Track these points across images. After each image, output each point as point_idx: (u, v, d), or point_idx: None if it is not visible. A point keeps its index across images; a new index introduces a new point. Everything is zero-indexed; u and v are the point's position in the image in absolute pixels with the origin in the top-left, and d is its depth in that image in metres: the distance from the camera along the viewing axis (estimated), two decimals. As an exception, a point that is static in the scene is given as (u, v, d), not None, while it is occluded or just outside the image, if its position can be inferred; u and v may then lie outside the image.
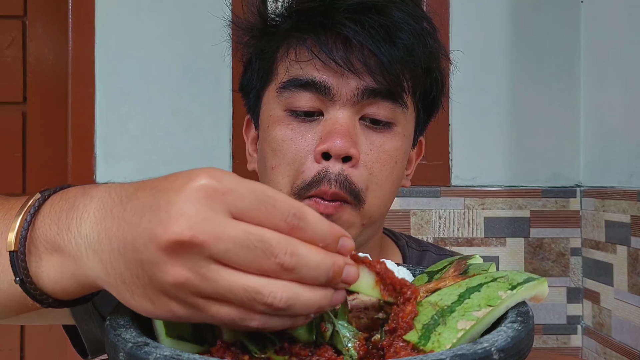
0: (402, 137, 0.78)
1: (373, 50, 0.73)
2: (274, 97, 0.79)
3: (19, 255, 0.46)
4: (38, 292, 0.47)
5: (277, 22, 0.81)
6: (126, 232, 0.40)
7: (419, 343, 0.43)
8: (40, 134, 1.95)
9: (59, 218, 0.46)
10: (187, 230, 0.37)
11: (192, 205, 0.38)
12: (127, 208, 0.41)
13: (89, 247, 0.43)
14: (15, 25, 1.94)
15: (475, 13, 1.86)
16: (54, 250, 0.46)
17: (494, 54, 1.86)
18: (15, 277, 0.46)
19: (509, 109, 1.87)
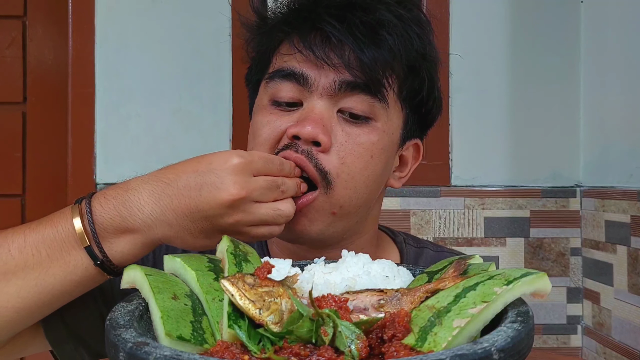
0: (380, 133, 0.79)
1: (351, 47, 0.74)
2: (263, 87, 0.82)
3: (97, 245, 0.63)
4: (114, 267, 0.64)
5: (274, 18, 0.83)
6: (189, 202, 0.63)
7: (416, 345, 0.43)
8: (40, 134, 1.95)
9: (118, 210, 0.63)
10: (239, 190, 0.63)
11: (236, 175, 0.64)
12: (179, 187, 0.63)
13: (157, 220, 0.63)
14: (15, 25, 1.94)
15: (475, 13, 1.86)
16: (124, 232, 0.64)
17: (494, 54, 1.86)
18: (96, 261, 0.63)
19: (509, 109, 1.87)
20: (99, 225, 0.63)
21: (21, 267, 0.63)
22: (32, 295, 0.63)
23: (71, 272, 0.64)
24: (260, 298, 0.48)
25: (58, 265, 0.63)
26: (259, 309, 0.47)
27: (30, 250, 0.64)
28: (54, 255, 0.63)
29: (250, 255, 0.60)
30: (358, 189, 0.78)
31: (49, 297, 0.64)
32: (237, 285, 0.48)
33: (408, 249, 0.94)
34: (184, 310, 0.49)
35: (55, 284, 0.63)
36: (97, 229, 0.63)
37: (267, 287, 0.49)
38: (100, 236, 0.63)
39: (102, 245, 0.63)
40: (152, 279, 0.51)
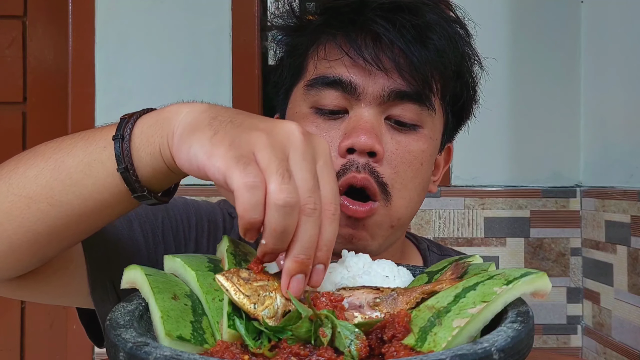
0: (428, 140, 0.78)
1: (403, 49, 0.72)
2: (301, 94, 0.78)
3: (132, 118, 0.55)
4: (129, 151, 0.54)
5: (309, 19, 0.81)
6: (251, 116, 0.51)
7: (416, 345, 0.43)
8: (40, 134, 1.95)
9: (183, 102, 0.54)
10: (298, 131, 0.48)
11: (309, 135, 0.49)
12: (250, 113, 0.52)
13: (206, 104, 0.53)
14: (15, 25, 1.94)
15: (475, 13, 1.86)
16: (160, 111, 0.55)
17: (494, 54, 1.85)
18: (116, 136, 0.54)
19: (509, 109, 1.87)
20: (150, 111, 0.57)
21: (53, 148, 0.58)
22: (46, 182, 0.56)
23: (90, 152, 0.55)
24: (255, 292, 0.48)
25: (83, 143, 0.57)
26: (253, 303, 0.47)
27: (76, 135, 0.59)
28: (88, 135, 0.57)
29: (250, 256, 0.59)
30: (412, 199, 0.77)
31: (60, 187, 0.56)
32: (232, 280, 0.48)
33: (431, 256, 0.93)
34: (184, 310, 0.49)
35: (71, 166, 0.56)
36: (150, 111, 0.57)
37: (262, 281, 0.49)
38: (144, 116, 0.56)
39: (136, 121, 0.55)
40: (152, 279, 0.51)
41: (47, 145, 0.59)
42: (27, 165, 0.58)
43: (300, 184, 0.45)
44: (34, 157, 0.59)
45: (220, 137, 0.47)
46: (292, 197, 0.44)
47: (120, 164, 0.54)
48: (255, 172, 0.44)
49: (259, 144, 0.46)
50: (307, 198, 0.45)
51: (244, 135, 0.47)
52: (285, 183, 0.44)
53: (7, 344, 1.93)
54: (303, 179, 0.46)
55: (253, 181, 0.44)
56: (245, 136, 0.47)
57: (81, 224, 0.59)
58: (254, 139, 0.46)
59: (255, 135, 0.47)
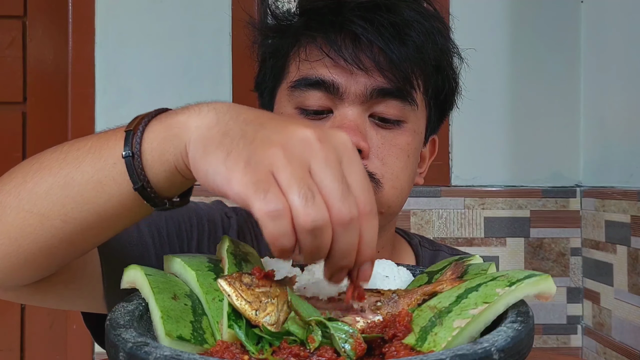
0: (412, 133, 0.79)
1: (382, 48, 0.73)
2: (285, 95, 0.80)
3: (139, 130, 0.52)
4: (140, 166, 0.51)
5: (290, 21, 0.81)
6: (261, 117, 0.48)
7: (416, 345, 0.43)
8: (40, 134, 1.95)
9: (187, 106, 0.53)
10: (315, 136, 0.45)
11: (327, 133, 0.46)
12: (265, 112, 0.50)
13: (213, 109, 0.50)
14: (15, 25, 1.94)
15: (475, 13, 1.86)
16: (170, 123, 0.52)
17: (494, 54, 1.86)
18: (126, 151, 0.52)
19: (509, 109, 1.87)
20: (160, 115, 0.54)
21: (59, 161, 0.56)
22: (57, 198, 0.55)
23: (100, 168, 0.54)
24: (257, 299, 0.48)
25: (91, 158, 0.54)
26: (255, 310, 0.47)
27: (79, 144, 0.57)
28: (94, 147, 0.55)
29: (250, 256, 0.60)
30: (403, 189, 0.79)
31: (72, 204, 0.54)
32: (234, 285, 0.48)
33: (423, 251, 0.94)
34: (184, 310, 0.49)
35: (81, 183, 0.54)
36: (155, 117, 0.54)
37: (265, 287, 0.49)
38: (150, 125, 0.53)
39: (144, 133, 0.52)
40: (152, 279, 0.51)
41: (52, 157, 0.57)
42: (35, 180, 0.57)
43: (329, 196, 0.43)
44: (41, 170, 0.57)
45: (234, 158, 0.45)
46: (319, 218, 0.42)
47: (136, 183, 0.52)
48: (276, 199, 0.42)
49: (276, 162, 0.43)
50: (339, 209, 0.43)
51: (258, 153, 0.44)
52: (310, 205, 0.42)
53: (7, 344, 1.93)
54: (331, 189, 0.43)
55: (275, 210, 0.42)
56: (260, 154, 0.44)
57: (97, 235, 0.58)
58: (270, 158, 0.44)
59: (271, 153, 0.44)
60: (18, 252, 0.57)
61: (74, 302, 0.75)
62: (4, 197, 0.58)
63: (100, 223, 0.56)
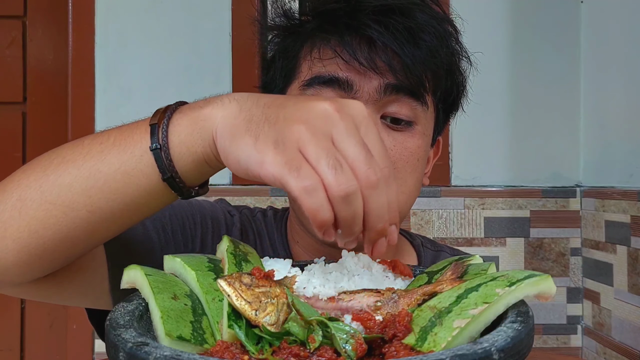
0: (422, 136, 0.80)
1: (397, 51, 0.74)
2: (297, 94, 0.79)
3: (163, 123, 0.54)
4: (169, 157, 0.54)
5: (302, 22, 0.81)
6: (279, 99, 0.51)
7: (416, 345, 0.43)
8: (40, 134, 1.95)
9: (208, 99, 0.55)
10: (333, 108, 0.48)
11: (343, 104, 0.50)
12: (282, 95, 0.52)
13: (234, 100, 0.53)
14: (15, 25, 1.94)
15: (475, 13, 1.86)
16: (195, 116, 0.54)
17: (494, 54, 1.86)
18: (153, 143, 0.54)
19: (509, 109, 1.87)
20: (181, 108, 0.57)
21: (83, 154, 0.58)
22: (82, 189, 0.56)
23: (126, 160, 0.56)
24: (256, 299, 0.48)
25: (116, 151, 0.56)
26: (255, 310, 0.47)
27: (101, 138, 0.59)
28: (118, 140, 0.57)
29: (250, 255, 0.60)
30: (411, 193, 0.79)
31: (98, 195, 0.56)
32: (234, 285, 0.48)
33: (425, 252, 0.94)
34: (184, 310, 0.49)
35: (108, 174, 0.56)
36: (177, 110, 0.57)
37: (264, 287, 0.49)
38: (174, 117, 0.56)
39: (168, 127, 0.55)
40: (152, 279, 0.51)
41: (75, 150, 0.59)
42: (58, 172, 0.58)
43: (355, 162, 0.46)
44: (64, 163, 0.58)
45: (262, 142, 0.48)
46: (351, 185, 0.46)
47: (165, 174, 0.55)
48: (308, 174, 0.45)
49: (301, 138, 0.47)
50: (366, 171, 0.46)
51: (284, 132, 0.47)
52: (340, 173, 0.45)
53: (7, 344, 1.93)
54: (354, 154, 0.47)
55: (310, 184, 0.45)
56: (285, 133, 0.47)
57: (121, 224, 0.60)
58: (295, 135, 0.47)
59: (295, 130, 0.47)
60: (38, 244, 0.58)
61: (80, 299, 0.76)
62: (23, 191, 0.59)
63: (126, 212, 0.58)
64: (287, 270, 0.58)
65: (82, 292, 0.73)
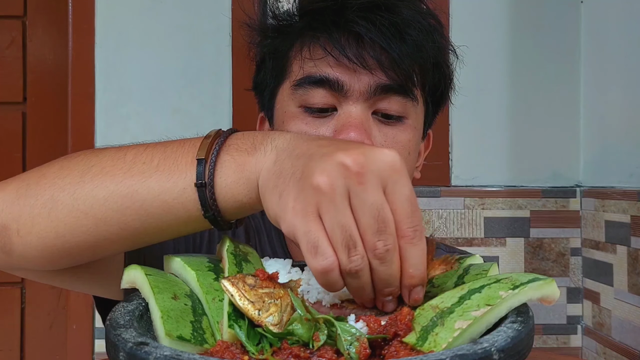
0: (413, 130, 0.81)
1: (384, 47, 0.75)
2: (289, 94, 0.80)
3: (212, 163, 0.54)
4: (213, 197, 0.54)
5: (290, 21, 0.82)
6: (311, 148, 0.50)
7: (417, 344, 0.43)
8: (40, 134, 1.95)
9: (254, 139, 0.55)
10: (358, 165, 0.46)
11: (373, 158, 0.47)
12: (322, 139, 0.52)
13: (275, 151, 0.53)
14: (15, 25, 1.94)
15: (475, 13, 1.86)
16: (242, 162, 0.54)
17: (493, 53, 1.86)
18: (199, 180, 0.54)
19: (509, 109, 1.87)
20: (226, 145, 0.55)
21: (124, 171, 0.57)
22: (118, 207, 0.56)
23: (168, 189, 0.55)
24: (260, 299, 0.48)
25: (158, 176, 0.56)
26: (258, 310, 0.47)
27: (144, 157, 0.58)
28: (162, 166, 0.56)
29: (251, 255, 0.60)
30: None
31: (133, 216, 0.56)
32: (237, 285, 0.48)
33: None
34: (184, 310, 0.49)
35: (146, 199, 0.55)
36: (222, 147, 0.55)
37: (268, 288, 0.49)
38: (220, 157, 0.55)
39: (215, 166, 0.54)
40: (152, 279, 0.51)
41: (116, 163, 0.58)
42: (95, 182, 0.57)
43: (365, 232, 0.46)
44: (102, 174, 0.57)
45: (284, 199, 0.48)
46: (360, 263, 0.46)
47: (207, 212, 0.55)
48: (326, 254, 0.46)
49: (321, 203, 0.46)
50: (374, 244, 0.46)
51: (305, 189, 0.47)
52: (352, 255, 0.46)
53: (7, 344, 1.93)
54: (366, 224, 0.46)
55: (327, 267, 0.46)
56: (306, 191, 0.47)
57: (150, 242, 0.61)
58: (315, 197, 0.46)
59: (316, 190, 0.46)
60: (63, 247, 0.58)
61: (95, 288, 0.76)
62: (56, 192, 0.58)
63: (159, 233, 0.58)
64: (287, 270, 0.58)
65: (97, 282, 0.74)
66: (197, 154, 0.55)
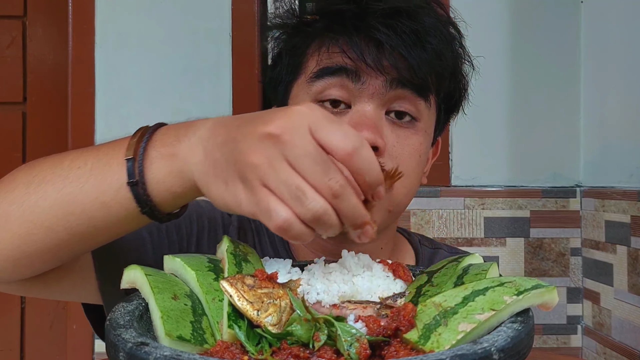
0: (424, 133, 0.81)
1: (404, 54, 0.75)
2: (304, 88, 0.80)
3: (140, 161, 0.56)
4: (146, 193, 0.56)
5: (310, 21, 0.82)
6: (232, 131, 0.52)
7: (418, 342, 0.43)
8: (40, 134, 1.95)
9: (177, 132, 0.57)
10: (278, 129, 0.48)
11: (288, 118, 0.49)
12: (238, 120, 0.53)
13: (200, 142, 0.54)
14: (15, 25, 1.94)
15: (475, 13, 1.86)
16: (169, 155, 0.56)
17: (494, 53, 1.86)
18: (130, 178, 0.56)
19: (509, 109, 1.87)
20: (152, 141, 0.58)
21: (62, 177, 0.59)
22: (62, 214, 0.58)
23: (104, 191, 0.58)
24: (258, 299, 0.48)
25: (94, 179, 0.58)
26: (257, 310, 0.47)
27: (79, 162, 0.60)
28: (95, 169, 0.59)
29: (250, 255, 0.60)
30: (411, 188, 0.81)
31: (77, 221, 0.58)
32: (236, 286, 0.48)
33: (423, 249, 0.95)
34: (184, 310, 0.49)
35: (86, 203, 0.58)
36: (148, 144, 0.57)
37: (267, 288, 0.49)
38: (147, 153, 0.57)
39: (144, 162, 0.56)
40: (152, 279, 0.51)
41: (55, 170, 0.61)
42: (39, 193, 0.60)
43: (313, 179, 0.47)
44: (44, 184, 0.60)
45: (232, 184, 0.50)
46: (317, 209, 0.47)
47: (144, 207, 0.57)
48: (278, 211, 0.47)
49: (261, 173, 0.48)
50: (326, 184, 0.47)
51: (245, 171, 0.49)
52: (304, 200, 0.46)
53: (7, 344, 1.93)
54: (310, 172, 0.47)
55: (282, 222, 0.47)
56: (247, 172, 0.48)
57: (100, 243, 0.64)
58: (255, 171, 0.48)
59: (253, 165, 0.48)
60: (22, 257, 0.61)
61: (71, 294, 0.78)
62: (7, 206, 0.61)
63: (106, 234, 0.61)
64: (287, 270, 0.58)
65: (71, 289, 0.75)
66: (125, 154, 0.57)
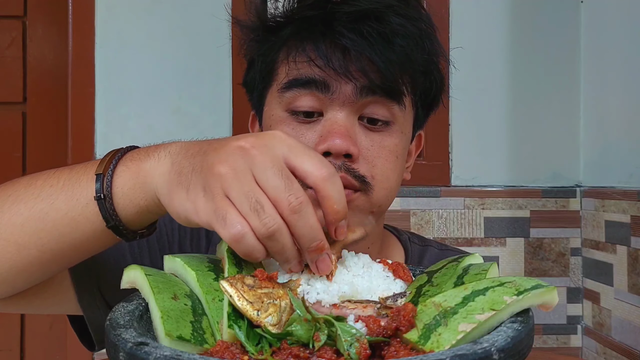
0: (400, 134, 0.80)
1: (370, 58, 0.74)
2: (275, 97, 0.80)
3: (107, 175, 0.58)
4: (112, 208, 0.58)
5: (277, 25, 0.81)
6: (204, 146, 0.54)
7: (418, 342, 0.43)
8: (40, 134, 1.95)
9: (148, 150, 0.59)
10: (249, 143, 0.50)
11: (262, 136, 0.52)
12: (213, 140, 0.55)
13: (169, 156, 0.56)
14: (15, 25, 1.94)
15: (475, 13, 1.86)
16: (136, 169, 0.58)
17: (494, 54, 1.86)
18: (98, 193, 0.58)
19: (509, 109, 1.87)
20: (123, 159, 0.59)
21: (35, 195, 0.61)
22: (33, 231, 0.60)
23: (73, 207, 0.59)
24: (258, 299, 0.48)
25: (64, 196, 0.60)
26: (257, 310, 0.47)
27: (52, 180, 0.61)
28: (67, 186, 0.60)
29: (250, 255, 0.59)
30: (392, 188, 0.80)
31: (48, 237, 0.60)
32: (236, 286, 0.48)
33: (412, 247, 0.95)
34: (184, 310, 0.49)
35: (56, 219, 0.59)
36: (119, 161, 0.59)
37: (267, 288, 0.49)
38: (116, 169, 0.58)
39: (112, 177, 0.58)
40: (152, 279, 0.51)
41: (28, 189, 0.62)
42: (12, 211, 0.61)
43: (274, 193, 0.48)
44: (17, 202, 0.61)
45: (193, 191, 0.51)
46: (273, 224, 0.48)
47: (109, 222, 0.58)
48: (234, 222, 0.48)
49: (225, 183, 0.49)
50: (286, 199, 0.48)
51: (209, 178, 0.50)
52: (262, 214, 0.48)
53: (7, 344, 1.93)
54: (273, 187, 0.49)
55: (236, 232, 0.48)
56: (210, 179, 0.50)
57: (71, 262, 0.65)
58: (219, 180, 0.49)
59: (218, 174, 0.49)
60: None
61: (50, 309, 0.78)
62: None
63: (75, 252, 0.62)
64: (287, 270, 0.58)
65: (50, 303, 0.76)
66: (96, 170, 0.59)
